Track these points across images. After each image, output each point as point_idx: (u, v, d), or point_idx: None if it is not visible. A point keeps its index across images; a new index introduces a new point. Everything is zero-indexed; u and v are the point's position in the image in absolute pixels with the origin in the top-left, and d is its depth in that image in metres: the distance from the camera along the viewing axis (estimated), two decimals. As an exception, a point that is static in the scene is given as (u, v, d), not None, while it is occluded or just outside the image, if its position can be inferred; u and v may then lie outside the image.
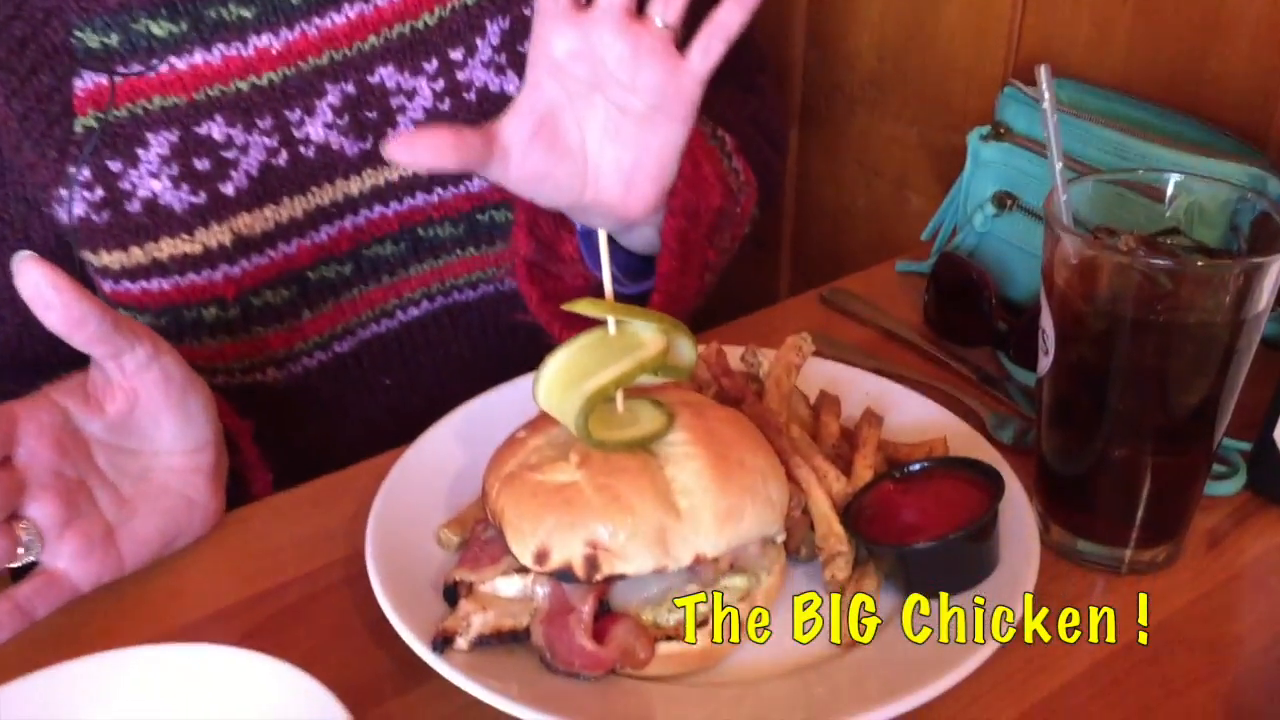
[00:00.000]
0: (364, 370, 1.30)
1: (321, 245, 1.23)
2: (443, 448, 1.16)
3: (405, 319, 1.37)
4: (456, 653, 0.89)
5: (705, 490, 0.94)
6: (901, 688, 0.91)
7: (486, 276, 1.38)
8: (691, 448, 0.96)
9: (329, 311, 1.26)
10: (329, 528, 1.08)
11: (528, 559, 0.91)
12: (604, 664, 0.91)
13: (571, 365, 0.94)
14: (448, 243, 1.29)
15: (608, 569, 0.91)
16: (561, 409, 0.94)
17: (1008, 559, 1.03)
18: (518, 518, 0.94)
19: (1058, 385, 1.05)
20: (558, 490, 0.93)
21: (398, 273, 1.30)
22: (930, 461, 1.08)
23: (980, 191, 1.46)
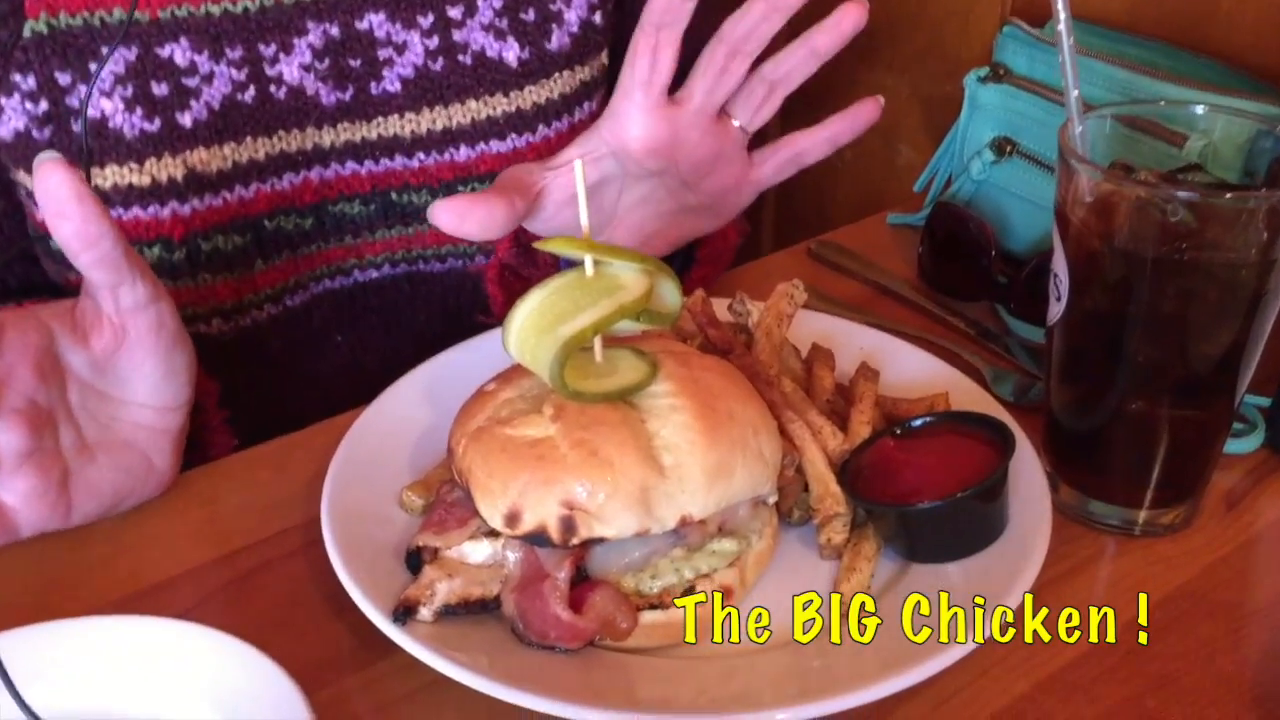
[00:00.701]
0: (315, 326, 1.24)
1: (282, 194, 1.16)
2: (406, 404, 1.08)
3: (363, 279, 1.29)
4: (420, 624, 0.84)
5: (691, 445, 0.86)
6: (903, 661, 0.84)
7: (458, 251, 1.30)
8: (676, 399, 0.88)
9: (282, 263, 1.20)
10: (284, 491, 1.02)
11: (497, 521, 0.84)
12: (582, 636, 0.84)
13: (545, 310, 0.86)
14: (422, 211, 1.21)
15: (585, 532, 0.84)
16: (534, 357, 0.86)
17: (1016, 521, 0.95)
18: (486, 476, 0.86)
19: (1070, 334, 0.98)
20: (530, 446, 0.85)
21: (362, 234, 1.26)
22: (933, 417, 1.00)
23: (978, 137, 1.38)
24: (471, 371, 0.97)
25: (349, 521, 0.92)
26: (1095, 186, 0.94)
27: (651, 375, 0.90)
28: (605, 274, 0.89)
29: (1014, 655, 0.90)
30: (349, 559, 0.88)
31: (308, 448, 1.06)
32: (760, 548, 0.93)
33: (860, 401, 1.03)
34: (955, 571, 0.94)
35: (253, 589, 0.93)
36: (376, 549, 0.90)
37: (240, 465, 1.07)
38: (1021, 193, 1.34)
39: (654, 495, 0.85)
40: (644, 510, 0.85)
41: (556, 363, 0.84)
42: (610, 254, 0.88)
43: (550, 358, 0.84)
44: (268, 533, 0.98)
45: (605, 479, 0.84)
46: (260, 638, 0.79)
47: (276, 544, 0.97)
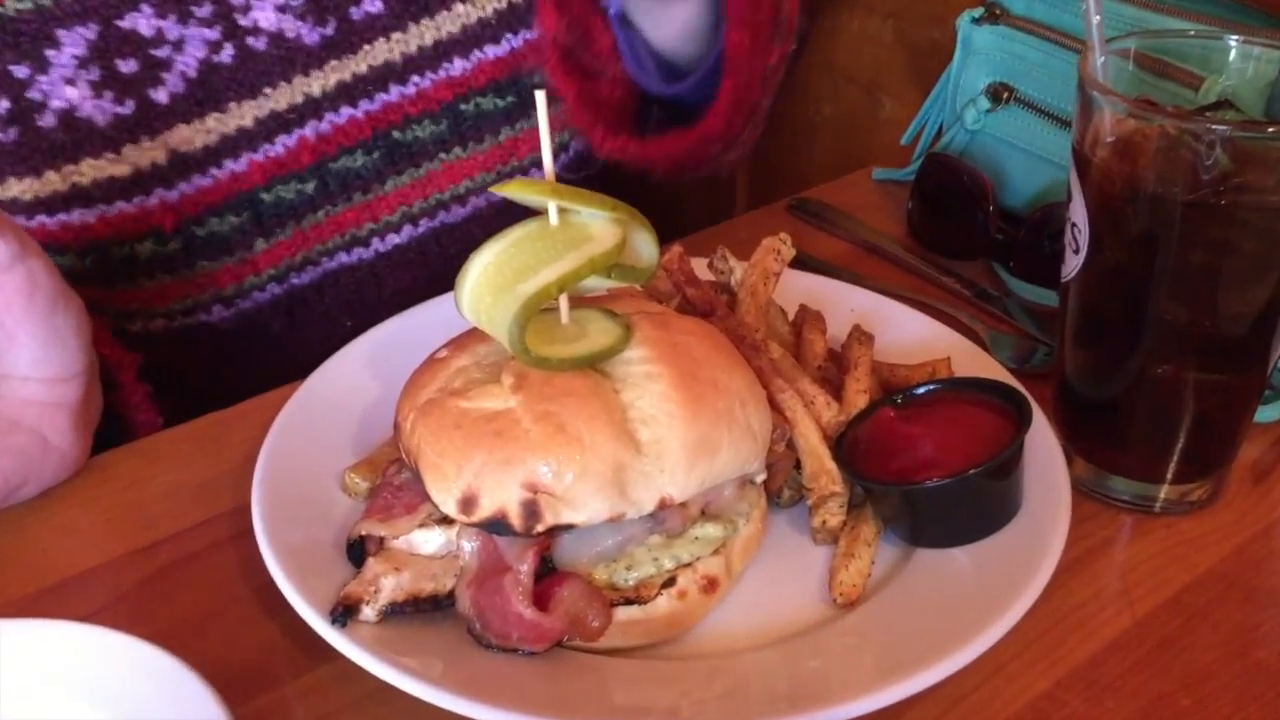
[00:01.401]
0: (325, 307, 1.17)
1: (278, 160, 1.08)
2: (350, 375, 0.98)
3: (382, 247, 1.17)
4: (362, 625, 0.76)
5: (671, 417, 0.76)
6: (908, 661, 0.75)
7: (477, 185, 1.19)
8: (653, 366, 0.78)
9: (288, 239, 1.12)
10: (214, 474, 0.95)
11: (450, 507, 0.74)
12: (548, 636, 0.74)
13: (504, 264, 0.75)
14: (429, 145, 1.15)
15: (551, 518, 0.74)
16: (490, 319, 0.76)
17: (1030, 501, 0.87)
18: (437, 456, 0.76)
19: (1089, 291, 0.89)
20: (487, 420, 0.75)
21: (372, 189, 1.15)
22: (938, 384, 0.91)
23: (972, 84, 1.29)
24: (425, 338, 0.89)
25: (283, 508, 0.84)
26: (1117, 124, 0.84)
27: (625, 339, 0.79)
28: (572, 223, 0.78)
29: (1031, 650, 0.82)
30: (282, 551, 0.80)
31: (242, 425, 0.98)
32: (748, 532, 0.83)
33: (855, 368, 0.93)
34: (964, 558, 0.85)
35: (175, 585, 0.86)
36: (314, 539, 0.83)
37: (165, 445, 0.99)
38: (1020, 143, 1.25)
39: (629, 475, 0.75)
40: (618, 493, 0.75)
41: (516, 324, 0.74)
42: (577, 199, 0.77)
43: (509, 319, 0.74)
44: (193, 521, 0.90)
45: (573, 457, 0.73)
46: (181, 642, 0.71)
47: (203, 534, 0.90)
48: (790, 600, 0.84)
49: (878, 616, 0.81)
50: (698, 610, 0.80)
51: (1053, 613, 0.84)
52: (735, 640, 0.80)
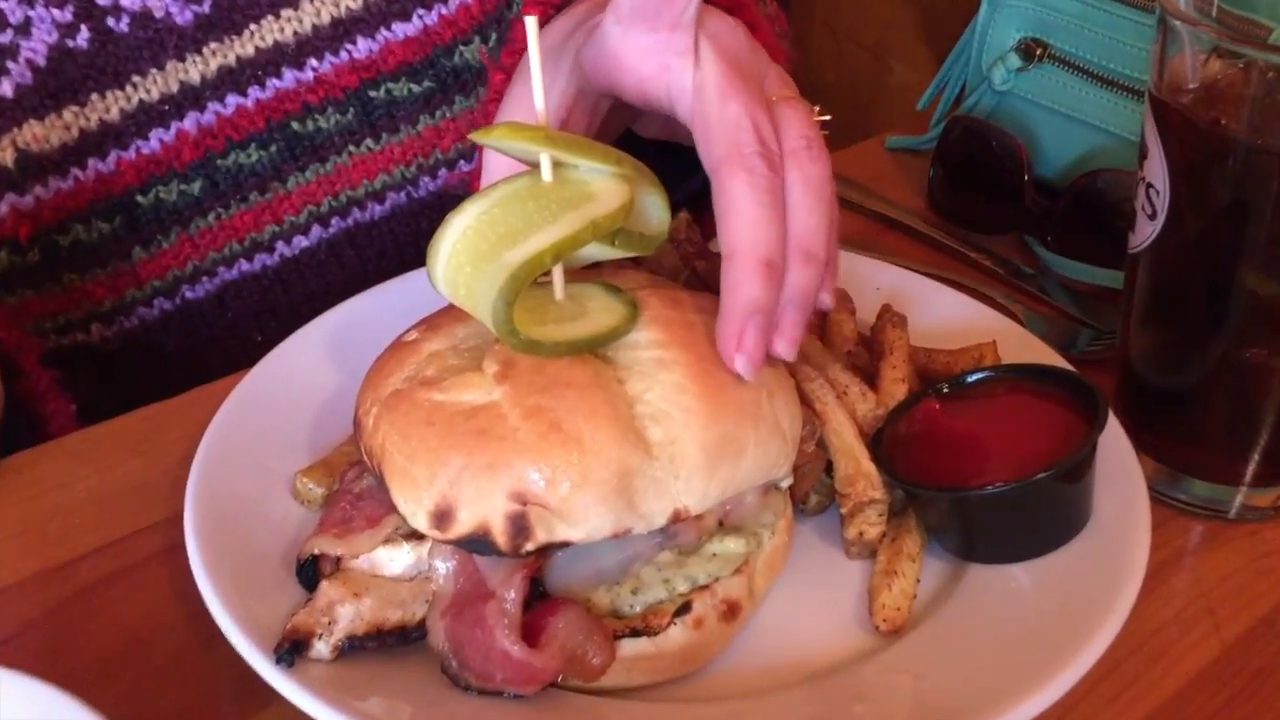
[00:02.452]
0: (228, 321, 1.04)
1: (154, 157, 0.96)
2: (304, 364, 0.86)
3: (289, 252, 1.05)
4: (313, 663, 0.65)
5: (687, 413, 0.64)
6: (973, 708, 0.64)
7: (395, 180, 1.06)
8: (665, 352, 0.66)
9: (172, 246, 1.00)
10: (146, 479, 0.85)
11: (421, 520, 0.64)
12: (539, 677, 0.62)
13: (487, 228, 0.63)
14: (334, 137, 1.02)
15: (544, 535, 0.62)
16: (471, 293, 0.63)
17: (1098, 511, 0.75)
18: (406, 459, 0.64)
19: (1165, 262, 0.78)
20: (466, 417, 0.64)
21: (271, 188, 1.02)
22: (990, 371, 0.78)
23: (1000, 39, 1.17)
24: (393, 320, 0.79)
25: (222, 518, 0.74)
26: (1202, 65, 0.72)
27: (631, 319, 0.67)
28: (569, 179, 0.65)
29: (1107, 684, 0.71)
30: (218, 572, 0.69)
31: (182, 420, 0.88)
32: (772, 547, 0.72)
33: (891, 353, 0.81)
34: (1024, 576, 0.74)
35: (95, 611, 0.76)
36: (258, 557, 0.72)
37: (88, 444, 0.89)
38: (1054, 105, 1.13)
39: (637, 483, 0.63)
40: (624, 504, 0.63)
41: (502, 300, 0.61)
42: (575, 149, 0.64)
43: (493, 293, 0.61)
44: (120, 533, 0.80)
45: (571, 461, 0.62)
46: (99, 681, 0.67)
47: (131, 549, 0.80)
48: (822, 627, 0.73)
49: (929, 649, 0.69)
50: (716, 641, 0.68)
51: (1128, 639, 0.72)
52: (760, 677, 0.69)
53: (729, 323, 0.67)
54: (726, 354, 0.66)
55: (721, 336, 0.67)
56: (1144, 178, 0.77)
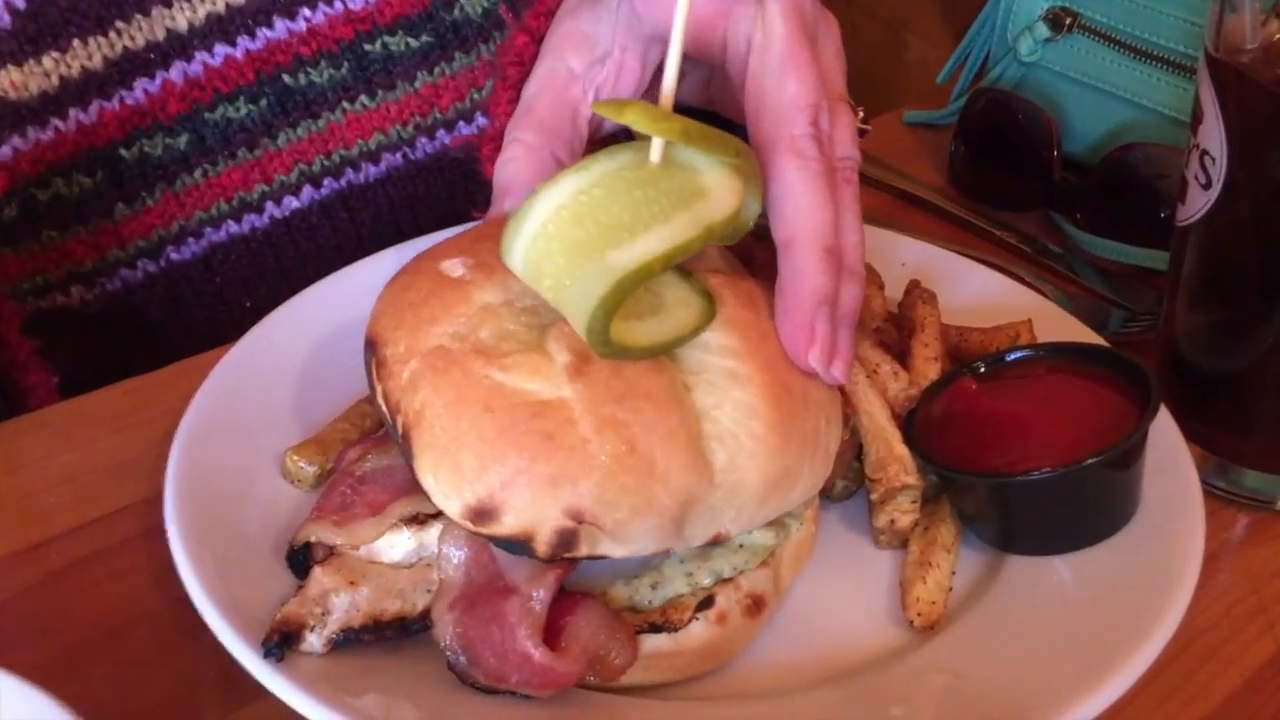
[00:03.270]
0: (216, 286, 0.99)
1: (138, 108, 0.91)
2: (294, 338, 0.81)
3: (279, 213, 1.00)
4: (305, 657, 0.60)
5: (756, 441, 0.60)
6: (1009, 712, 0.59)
7: (391, 140, 1.01)
8: (739, 364, 0.61)
9: (157, 204, 0.96)
10: (127, 455, 0.80)
11: (454, 508, 0.58)
12: (558, 682, 0.58)
13: (586, 213, 0.57)
14: (327, 93, 0.97)
15: (586, 549, 0.58)
16: (561, 287, 0.57)
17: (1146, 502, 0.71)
18: (454, 441, 0.58)
19: (1218, 236, 0.74)
20: (533, 413, 0.57)
21: (260, 144, 0.97)
22: (1031, 350, 0.73)
23: (1027, 8, 1.12)
24: None
25: (206, 499, 0.69)
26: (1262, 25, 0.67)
27: (709, 315, 0.61)
28: (677, 163, 0.59)
29: (1157, 685, 0.67)
30: (201, 556, 0.64)
31: (162, 395, 0.83)
32: (799, 537, 0.66)
33: (922, 330, 0.76)
34: (1065, 570, 0.69)
35: (69, 596, 0.72)
36: (245, 540, 0.68)
37: (63, 419, 0.84)
38: (1084, 77, 1.09)
39: (695, 510, 0.59)
40: (675, 529, 0.59)
41: (603, 311, 0.55)
42: (702, 140, 0.58)
43: (592, 300, 0.55)
44: (98, 513, 0.76)
45: (639, 488, 0.57)
46: (72, 672, 0.63)
47: (109, 529, 0.75)
48: (851, 622, 0.69)
49: (968, 646, 0.65)
50: (740, 638, 0.64)
51: (1175, 637, 0.67)
52: (786, 675, 0.65)
53: (798, 314, 0.62)
54: (797, 350, 0.62)
55: (789, 331, 0.62)
56: (1197, 144, 0.72)
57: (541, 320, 0.60)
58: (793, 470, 0.61)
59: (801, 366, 0.62)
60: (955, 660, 0.63)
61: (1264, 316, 0.73)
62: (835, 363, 0.63)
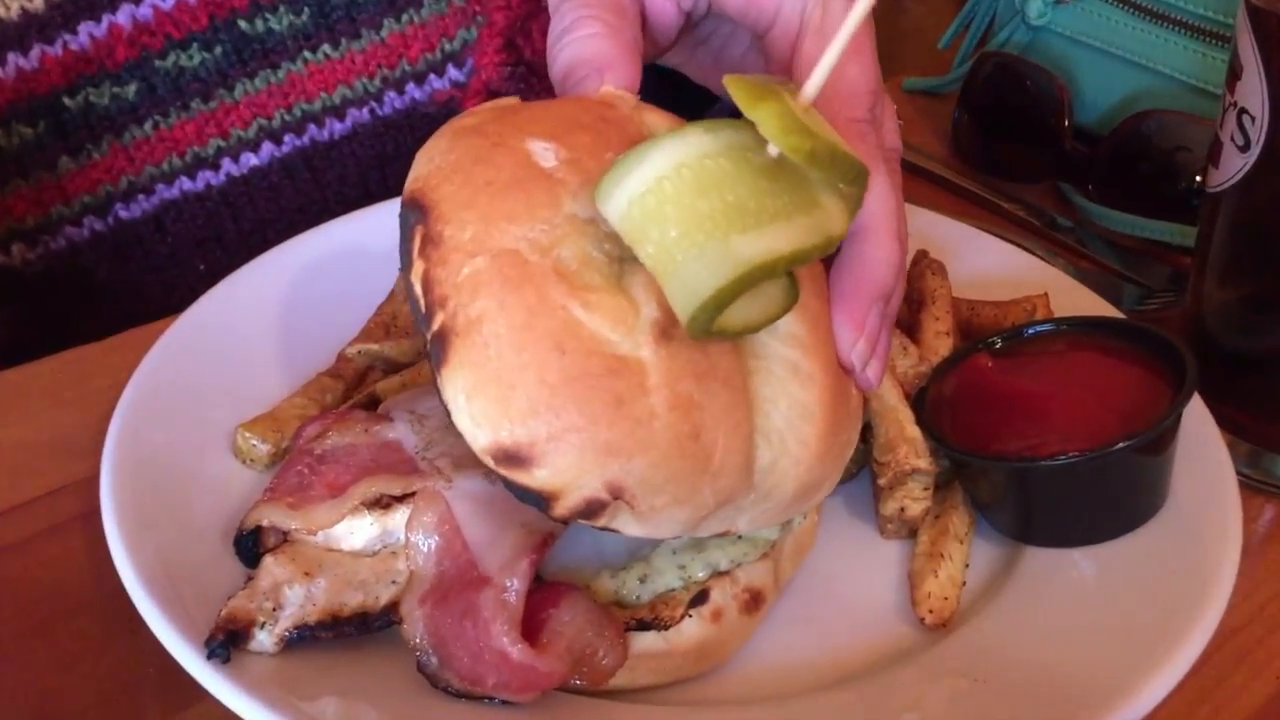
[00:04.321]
0: (168, 247, 0.94)
1: (83, 54, 0.87)
2: (250, 305, 0.76)
3: (236, 171, 0.94)
4: (254, 657, 0.54)
5: (802, 448, 0.54)
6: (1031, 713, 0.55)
7: (356, 95, 0.95)
8: (804, 359, 0.55)
9: (104, 157, 0.91)
10: (65, 432, 0.75)
11: (481, 441, 0.51)
12: (540, 684, 0.52)
13: (710, 183, 0.49)
14: (287, 41, 0.92)
15: (604, 522, 0.52)
16: (668, 258, 0.49)
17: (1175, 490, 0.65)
18: (513, 370, 0.50)
19: (1256, 202, 0.70)
20: (609, 369, 0.51)
21: (216, 95, 0.92)
22: (1053, 324, 0.67)
23: (1036, -31, 1.05)
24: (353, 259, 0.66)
25: (147, 478, 0.64)
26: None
27: (794, 299, 0.54)
28: (793, 172, 0.51)
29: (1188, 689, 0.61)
30: (140, 542, 0.59)
31: (106, 366, 0.78)
32: (802, 528, 0.61)
33: (932, 303, 0.71)
34: (1086, 564, 0.64)
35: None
36: (189, 525, 0.62)
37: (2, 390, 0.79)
38: (1096, 41, 1.04)
39: (725, 510, 0.54)
40: (695, 524, 0.53)
41: (716, 302, 0.49)
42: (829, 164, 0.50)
43: (709, 284, 0.48)
44: (30, 494, 0.71)
45: (689, 478, 0.51)
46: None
47: (43, 512, 0.70)
48: (856, 619, 0.64)
49: (986, 648, 0.60)
50: (736, 636, 0.59)
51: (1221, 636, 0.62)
52: (787, 678, 0.60)
53: (856, 303, 0.57)
54: (843, 340, 0.57)
55: (843, 318, 0.57)
56: (1234, 102, 0.67)
57: (623, 252, 0.52)
58: (822, 482, 0.57)
59: (842, 358, 0.57)
60: (971, 663, 0.58)
61: (1303, 291, 0.68)
62: (873, 363, 0.58)
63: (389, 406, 0.62)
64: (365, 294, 0.76)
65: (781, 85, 0.50)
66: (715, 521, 0.53)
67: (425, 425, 0.59)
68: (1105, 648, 0.57)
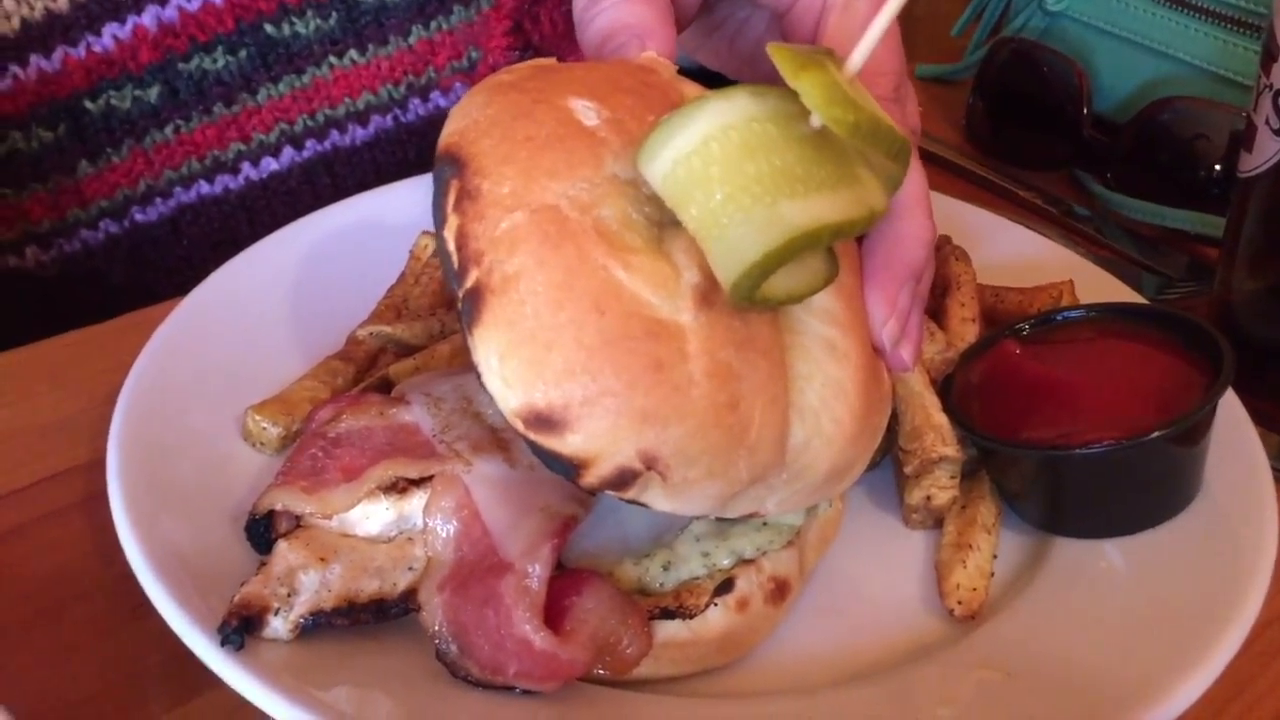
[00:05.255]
0: (183, 249, 0.92)
1: (106, 57, 0.86)
2: (259, 285, 0.74)
3: (255, 175, 0.93)
4: (268, 644, 0.52)
5: (836, 427, 0.53)
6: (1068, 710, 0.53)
7: (380, 101, 0.94)
8: (840, 337, 0.54)
9: (124, 161, 0.89)
10: (65, 414, 0.73)
11: (512, 403, 0.49)
12: (563, 672, 0.51)
13: (758, 146, 0.48)
14: (314, 45, 0.91)
15: (633, 495, 0.50)
16: (713, 221, 0.48)
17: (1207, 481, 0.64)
18: (550, 330, 0.48)
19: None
20: (648, 332, 0.49)
21: (239, 99, 0.91)
22: (1085, 310, 0.66)
23: (1053, -46, 1.04)
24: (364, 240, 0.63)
25: (155, 461, 0.61)
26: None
27: (834, 272, 0.53)
28: (834, 145, 0.50)
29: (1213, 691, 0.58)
30: (150, 526, 0.56)
31: (109, 349, 0.76)
32: (827, 516, 0.59)
33: (957, 289, 0.70)
34: (1119, 556, 0.62)
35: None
36: (199, 509, 0.60)
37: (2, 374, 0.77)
38: (1115, 28, 1.02)
39: (755, 489, 0.52)
40: (725, 502, 0.52)
41: (762, 266, 0.47)
42: (871, 137, 0.49)
43: (757, 249, 0.47)
44: (31, 478, 0.69)
45: (723, 452, 0.50)
46: None
47: (43, 497, 0.68)
48: (882, 611, 0.62)
49: (1018, 641, 0.58)
50: (762, 626, 0.57)
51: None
52: (814, 670, 0.58)
53: (889, 281, 0.57)
54: (875, 318, 0.56)
55: (876, 296, 0.56)
56: (1270, 85, 0.65)
57: (662, 216, 0.51)
58: (853, 465, 0.55)
59: (874, 337, 0.56)
60: (1002, 656, 0.56)
61: (1337, 279, 0.66)
62: (904, 343, 0.56)
63: (403, 389, 0.60)
64: (372, 275, 0.75)
65: (826, 56, 0.49)
66: (745, 501, 0.52)
67: (442, 408, 0.57)
68: (1139, 642, 0.56)
